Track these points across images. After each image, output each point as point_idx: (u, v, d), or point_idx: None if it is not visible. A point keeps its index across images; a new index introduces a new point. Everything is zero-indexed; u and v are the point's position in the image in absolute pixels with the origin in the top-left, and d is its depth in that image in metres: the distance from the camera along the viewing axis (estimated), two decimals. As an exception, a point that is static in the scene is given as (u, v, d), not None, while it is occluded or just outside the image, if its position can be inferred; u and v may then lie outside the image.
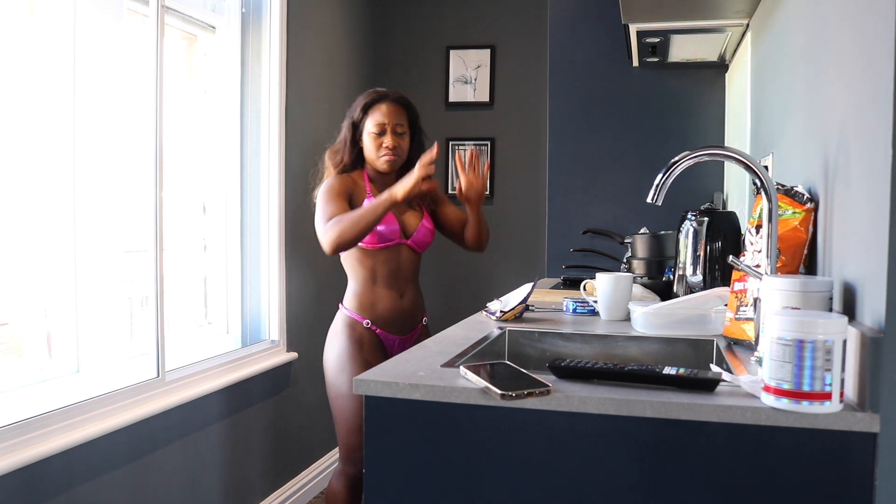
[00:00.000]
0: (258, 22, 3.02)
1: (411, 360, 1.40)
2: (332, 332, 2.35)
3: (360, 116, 2.32)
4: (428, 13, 4.04)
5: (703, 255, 1.94)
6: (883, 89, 1.02)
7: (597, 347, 1.74)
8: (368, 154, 2.32)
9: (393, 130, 2.29)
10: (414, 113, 2.37)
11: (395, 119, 2.30)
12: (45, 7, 2.13)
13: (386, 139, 2.28)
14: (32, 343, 2.13)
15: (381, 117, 2.29)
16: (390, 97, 2.32)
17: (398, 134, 2.30)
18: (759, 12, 2.28)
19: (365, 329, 2.30)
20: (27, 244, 2.10)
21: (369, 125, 2.30)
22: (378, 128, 2.28)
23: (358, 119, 2.32)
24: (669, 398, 1.12)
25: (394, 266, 2.31)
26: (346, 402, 2.25)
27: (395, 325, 2.33)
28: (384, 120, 2.28)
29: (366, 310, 2.30)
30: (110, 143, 2.24)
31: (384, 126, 2.28)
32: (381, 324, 2.31)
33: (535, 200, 3.86)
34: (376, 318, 2.30)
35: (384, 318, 2.31)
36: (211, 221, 2.92)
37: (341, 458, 2.30)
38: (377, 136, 2.29)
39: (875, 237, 1.05)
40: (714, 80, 3.18)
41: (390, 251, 2.30)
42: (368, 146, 2.31)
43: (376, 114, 2.29)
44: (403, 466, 1.23)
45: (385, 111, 2.29)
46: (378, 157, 2.30)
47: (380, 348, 2.31)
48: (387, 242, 2.28)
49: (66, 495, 1.94)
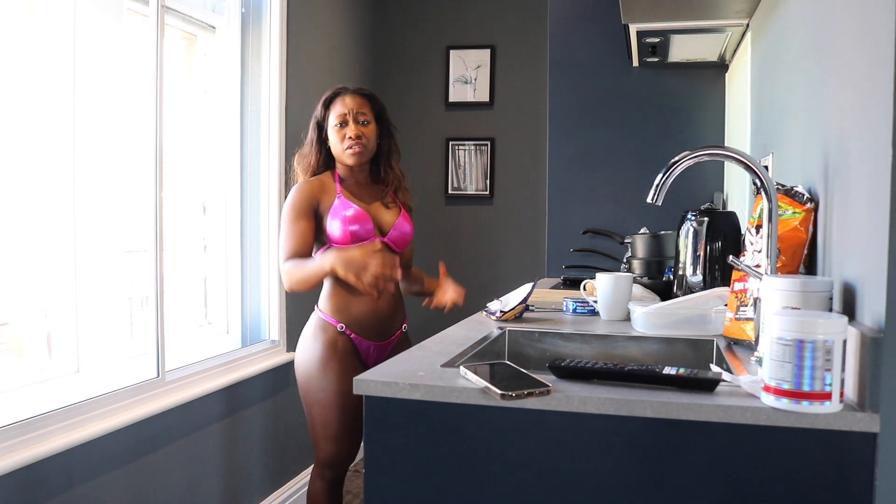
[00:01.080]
0: (258, 22, 3.02)
1: (411, 360, 1.40)
2: (304, 336, 2.24)
3: (323, 113, 2.25)
4: (428, 13, 4.04)
5: (703, 255, 1.94)
6: (883, 89, 1.02)
7: (597, 347, 1.74)
8: (335, 150, 2.23)
9: (355, 119, 2.20)
10: (378, 105, 2.28)
11: (356, 108, 2.21)
12: (45, 7, 2.13)
13: (349, 129, 2.19)
14: (32, 343, 2.13)
15: (342, 108, 2.21)
16: (350, 90, 2.26)
17: (361, 123, 2.21)
18: (759, 12, 2.28)
19: (338, 333, 2.17)
20: (27, 244, 2.10)
21: (332, 119, 2.22)
22: (340, 118, 2.20)
23: (321, 116, 2.25)
24: (669, 398, 1.12)
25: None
26: (323, 409, 2.16)
27: (372, 329, 2.20)
28: (345, 110, 2.20)
29: (340, 312, 2.18)
30: (110, 144, 2.24)
31: (345, 116, 2.20)
32: (356, 328, 2.18)
33: (535, 200, 3.86)
34: (351, 322, 2.18)
35: (360, 322, 2.19)
36: (211, 221, 2.92)
37: (320, 462, 2.22)
38: (340, 128, 2.20)
39: (875, 237, 1.05)
40: (714, 80, 3.18)
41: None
42: (333, 141, 2.22)
43: (337, 106, 2.22)
44: (403, 466, 1.23)
45: (346, 102, 2.22)
46: (343, 150, 2.20)
47: (354, 354, 2.20)
48: (361, 242, 2.16)
49: (66, 495, 1.94)
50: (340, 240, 2.16)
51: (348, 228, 2.15)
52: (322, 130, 2.26)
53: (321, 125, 2.26)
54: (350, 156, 2.20)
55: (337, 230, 2.16)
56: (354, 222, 2.16)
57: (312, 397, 2.19)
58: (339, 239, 2.16)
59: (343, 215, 2.16)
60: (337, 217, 2.16)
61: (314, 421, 2.20)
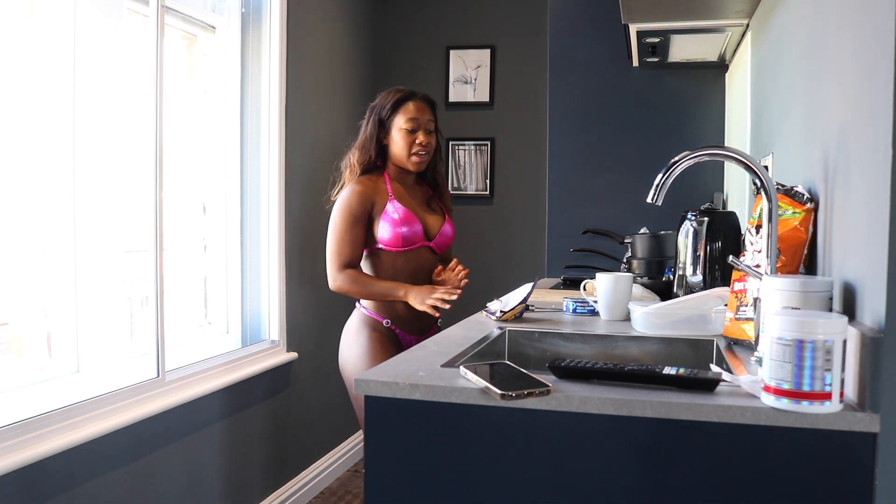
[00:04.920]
0: (258, 22, 3.02)
1: (411, 360, 1.40)
2: (348, 332, 2.33)
3: (390, 113, 2.28)
4: (428, 13, 4.04)
5: (703, 255, 1.94)
6: (883, 89, 1.02)
7: (597, 347, 1.74)
8: (398, 152, 2.28)
9: (425, 128, 2.27)
10: (436, 113, 2.36)
11: (426, 116, 2.28)
12: (45, 7, 2.13)
13: (419, 136, 2.26)
14: (32, 343, 2.13)
15: (415, 113, 2.26)
16: (419, 95, 2.31)
17: (429, 132, 2.29)
18: (759, 12, 2.28)
19: (385, 328, 2.28)
20: (27, 244, 2.10)
21: (400, 122, 2.26)
22: (411, 124, 2.25)
23: (387, 116, 2.28)
24: (669, 398, 1.12)
25: (414, 267, 2.29)
26: None
27: (414, 324, 2.30)
28: (417, 116, 2.26)
29: (385, 309, 2.28)
30: (110, 144, 2.24)
31: (417, 122, 2.26)
32: (399, 323, 2.29)
33: (535, 200, 3.86)
34: (395, 318, 2.28)
35: (403, 318, 2.29)
36: (211, 221, 2.92)
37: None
38: (409, 133, 2.26)
39: (875, 237, 1.05)
40: (714, 80, 3.18)
41: (412, 253, 2.28)
42: (399, 143, 2.27)
43: (410, 109, 2.26)
44: (403, 466, 1.23)
45: (417, 108, 2.27)
46: (410, 155, 2.27)
47: (399, 348, 2.28)
48: (411, 245, 2.26)
49: (66, 495, 1.94)
50: (390, 242, 2.24)
51: (399, 231, 2.22)
52: (383, 128, 2.29)
53: (384, 123, 2.29)
54: (415, 163, 2.28)
55: (387, 233, 2.23)
56: (405, 224, 2.23)
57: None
58: (389, 241, 2.24)
59: (393, 218, 2.23)
60: (388, 220, 2.23)
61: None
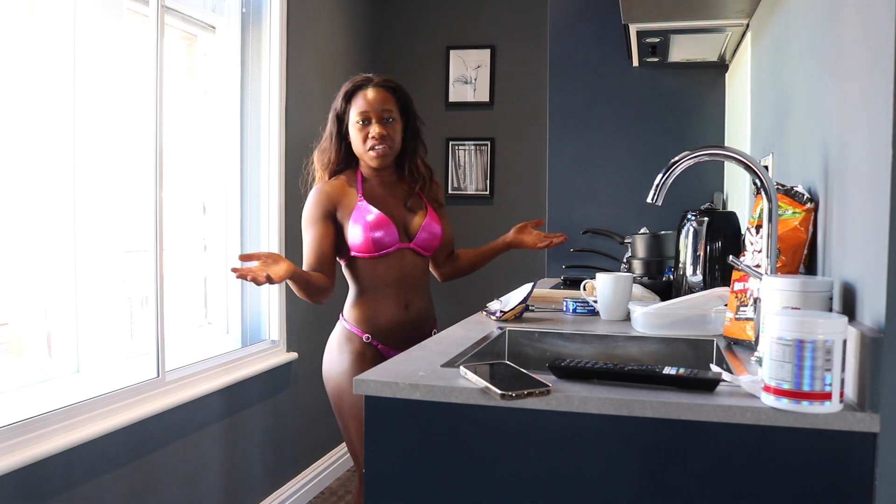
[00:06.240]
0: (258, 22, 3.02)
1: (411, 360, 1.40)
2: (330, 346, 2.10)
3: (343, 106, 2.06)
4: (428, 13, 4.04)
5: (703, 255, 1.94)
6: (883, 89, 1.02)
7: (597, 347, 1.73)
8: (356, 149, 2.05)
9: (379, 118, 2.01)
10: (404, 96, 2.09)
11: (381, 105, 2.02)
12: (45, 7, 2.13)
13: (372, 128, 2.01)
14: (32, 343, 2.13)
15: (365, 105, 2.01)
16: (374, 81, 2.05)
17: (386, 121, 2.02)
18: (759, 12, 2.28)
19: (365, 344, 2.04)
20: (27, 244, 2.10)
21: (353, 115, 2.03)
22: (362, 116, 2.01)
23: (341, 109, 2.06)
24: (669, 398, 1.12)
25: (397, 274, 2.05)
26: (360, 425, 1.90)
27: (399, 339, 2.03)
28: (368, 107, 2.01)
29: (365, 322, 2.04)
30: (110, 144, 2.24)
31: (368, 114, 2.01)
32: (382, 338, 2.04)
33: (535, 200, 3.85)
34: (377, 332, 2.04)
35: (386, 332, 2.04)
36: (211, 221, 2.92)
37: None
38: (362, 126, 2.02)
39: (875, 237, 1.05)
40: (714, 80, 3.18)
41: (391, 258, 2.04)
42: (355, 139, 2.04)
43: (359, 101, 2.02)
44: (403, 466, 1.23)
45: (369, 97, 2.02)
46: (366, 151, 2.03)
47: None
48: (385, 249, 2.02)
49: (66, 495, 1.94)
50: (362, 247, 2.01)
51: (370, 235, 2.00)
52: (342, 124, 2.08)
53: (341, 118, 2.08)
54: (373, 158, 2.04)
55: (358, 237, 2.00)
56: (377, 228, 2.00)
57: (346, 413, 2.03)
58: (361, 247, 2.01)
59: (365, 221, 2.00)
60: (358, 223, 2.00)
61: (352, 437, 2.04)
